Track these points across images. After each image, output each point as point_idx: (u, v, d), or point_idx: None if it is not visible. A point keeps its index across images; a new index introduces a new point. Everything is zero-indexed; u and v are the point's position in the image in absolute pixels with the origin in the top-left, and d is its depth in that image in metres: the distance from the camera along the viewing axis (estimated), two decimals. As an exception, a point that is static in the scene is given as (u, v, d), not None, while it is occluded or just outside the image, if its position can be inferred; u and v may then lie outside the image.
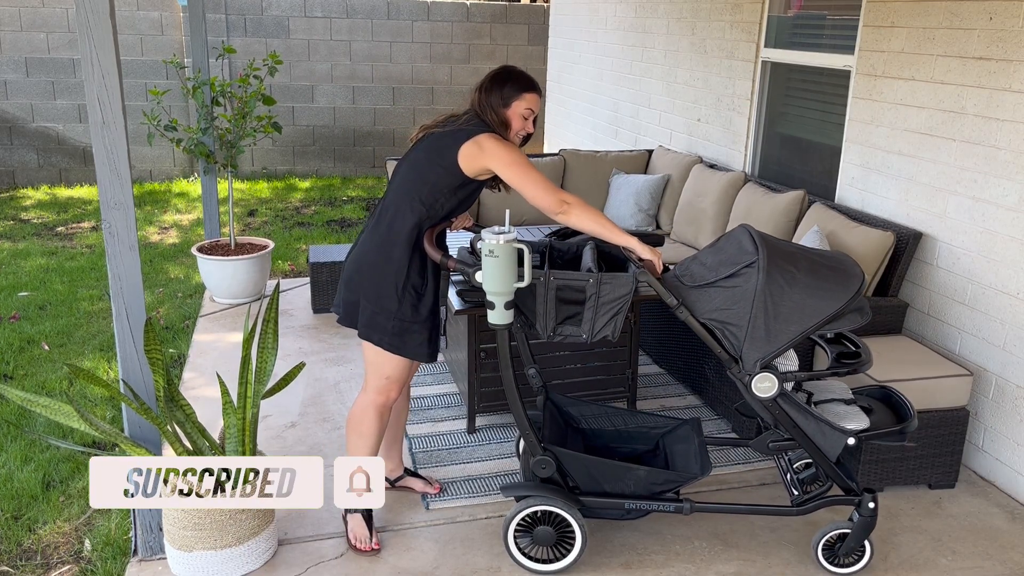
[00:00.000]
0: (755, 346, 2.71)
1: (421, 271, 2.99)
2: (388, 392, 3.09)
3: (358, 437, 3.10)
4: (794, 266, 2.72)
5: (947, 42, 3.87)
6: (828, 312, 2.67)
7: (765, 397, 2.76)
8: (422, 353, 3.04)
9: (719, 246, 2.89)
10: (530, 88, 3.00)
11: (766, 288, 2.67)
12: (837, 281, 2.71)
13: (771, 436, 2.93)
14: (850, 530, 2.97)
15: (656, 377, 4.68)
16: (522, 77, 3.01)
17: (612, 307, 2.78)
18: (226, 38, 9.50)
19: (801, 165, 5.14)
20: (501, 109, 2.96)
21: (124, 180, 2.70)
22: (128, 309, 2.80)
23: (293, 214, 8.40)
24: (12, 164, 9.22)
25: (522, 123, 3.00)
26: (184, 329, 5.31)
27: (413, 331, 3.00)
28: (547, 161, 6.02)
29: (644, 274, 2.76)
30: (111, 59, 2.59)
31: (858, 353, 2.93)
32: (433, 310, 3.05)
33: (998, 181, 3.64)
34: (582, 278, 2.76)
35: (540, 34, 10.42)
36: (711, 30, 5.83)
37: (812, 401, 2.97)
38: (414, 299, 2.98)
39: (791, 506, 3.01)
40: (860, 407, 2.95)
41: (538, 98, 3.03)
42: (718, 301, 2.76)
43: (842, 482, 2.95)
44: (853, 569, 3.05)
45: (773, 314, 2.68)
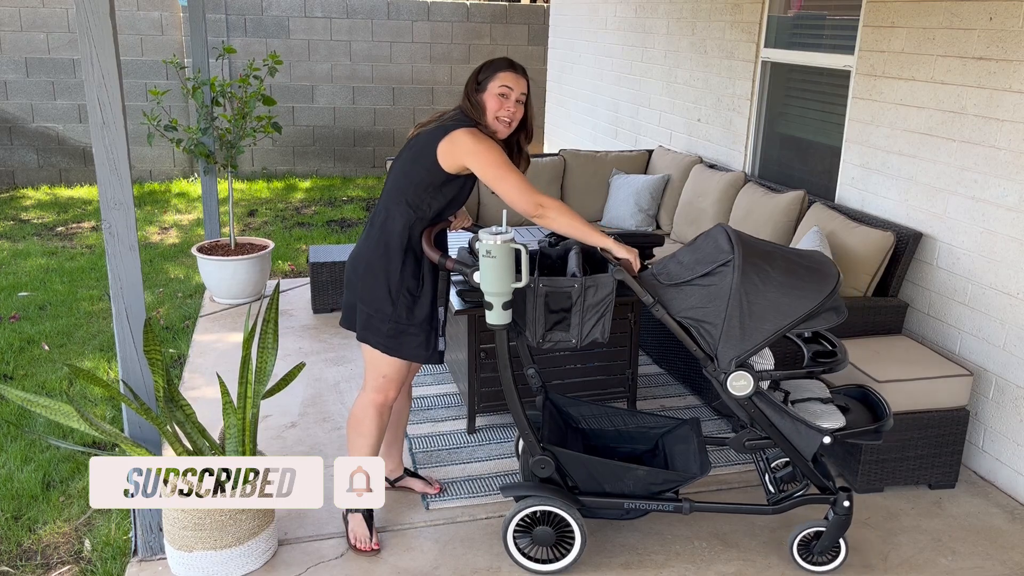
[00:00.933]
0: (730, 344, 2.72)
1: (416, 273, 2.96)
2: (387, 391, 3.08)
3: (359, 436, 3.10)
4: (769, 265, 2.72)
5: (947, 42, 3.87)
6: (803, 311, 2.68)
7: (740, 396, 2.78)
8: (419, 355, 3.03)
9: (696, 244, 2.90)
10: (504, 67, 2.89)
11: (741, 287, 2.68)
12: (812, 280, 2.72)
13: (747, 435, 2.94)
14: (825, 528, 2.99)
15: (656, 377, 4.68)
16: (498, 60, 2.92)
17: (598, 309, 2.78)
18: (226, 38, 9.50)
19: (801, 165, 5.14)
20: (476, 95, 2.88)
21: (124, 180, 2.70)
22: (128, 309, 2.80)
23: (293, 214, 8.40)
24: (12, 164, 9.22)
25: (498, 102, 2.87)
26: (184, 329, 5.31)
27: (409, 333, 2.98)
28: (547, 161, 6.01)
29: (621, 272, 2.76)
30: (111, 59, 2.59)
31: (834, 352, 2.95)
32: (431, 312, 3.02)
33: (998, 181, 3.64)
34: (567, 284, 2.77)
35: (540, 34, 10.42)
36: (711, 30, 5.84)
37: (789, 400, 2.98)
38: (409, 301, 2.96)
39: (767, 504, 3.03)
40: (837, 406, 2.97)
41: (515, 76, 2.89)
42: (694, 299, 2.76)
43: (818, 481, 2.96)
44: (829, 568, 3.06)
45: (748, 312, 2.69)
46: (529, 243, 4.72)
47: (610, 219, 5.86)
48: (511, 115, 2.90)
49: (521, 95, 2.91)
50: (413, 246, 2.94)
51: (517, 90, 2.88)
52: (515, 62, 2.93)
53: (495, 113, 2.88)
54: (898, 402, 3.46)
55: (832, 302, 2.71)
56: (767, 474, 3.20)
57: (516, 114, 2.91)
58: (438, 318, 3.07)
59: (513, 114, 2.90)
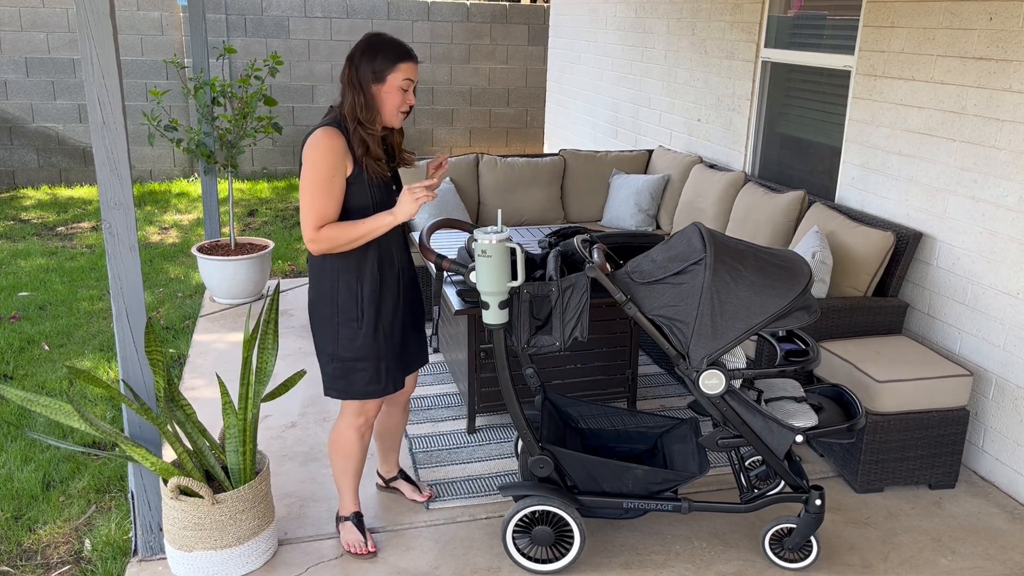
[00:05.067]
0: (702, 343, 2.73)
1: (353, 300, 2.77)
2: (365, 413, 2.97)
3: (343, 459, 3.02)
4: (741, 263, 2.73)
5: (947, 42, 3.87)
6: (773, 310, 2.68)
7: (712, 394, 2.78)
8: (373, 391, 2.86)
9: (671, 243, 2.91)
10: (404, 57, 2.70)
11: (712, 285, 2.69)
12: (783, 279, 2.73)
13: (720, 433, 2.95)
14: (796, 525, 3.00)
15: (656, 377, 4.68)
16: (395, 45, 2.71)
17: (575, 309, 2.79)
18: (226, 38, 9.50)
19: (801, 165, 5.14)
20: (373, 85, 2.68)
21: (124, 180, 2.70)
22: (128, 309, 2.80)
23: (293, 214, 8.40)
24: (12, 164, 9.22)
25: (401, 97, 2.71)
26: (184, 329, 5.31)
27: (356, 370, 2.82)
28: (547, 161, 6.02)
29: (594, 271, 2.76)
30: (111, 59, 2.59)
31: (807, 351, 2.96)
32: (382, 340, 2.83)
33: (998, 181, 3.64)
34: (547, 288, 2.78)
35: (540, 34, 10.42)
36: (711, 30, 5.84)
37: (762, 399, 2.99)
38: (350, 332, 2.79)
39: (740, 503, 3.04)
40: (810, 405, 2.98)
41: (414, 67, 2.72)
42: (666, 298, 2.77)
43: (790, 479, 2.96)
44: (802, 565, 3.07)
45: (719, 311, 2.70)
46: (528, 243, 4.72)
47: (610, 219, 5.86)
48: (412, 104, 2.78)
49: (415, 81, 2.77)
50: (342, 268, 2.76)
51: (416, 79, 2.75)
52: (409, 47, 2.75)
53: (398, 108, 2.73)
54: (898, 402, 3.46)
55: (803, 301, 2.72)
56: (741, 473, 3.21)
57: (412, 100, 2.78)
58: (396, 342, 2.90)
59: (411, 103, 2.77)
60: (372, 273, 2.79)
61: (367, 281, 2.79)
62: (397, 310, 2.89)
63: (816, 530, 3.01)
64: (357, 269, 2.77)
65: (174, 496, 2.81)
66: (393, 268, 2.85)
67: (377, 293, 2.81)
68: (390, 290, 2.85)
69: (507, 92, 10.59)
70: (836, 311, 3.86)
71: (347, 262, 2.77)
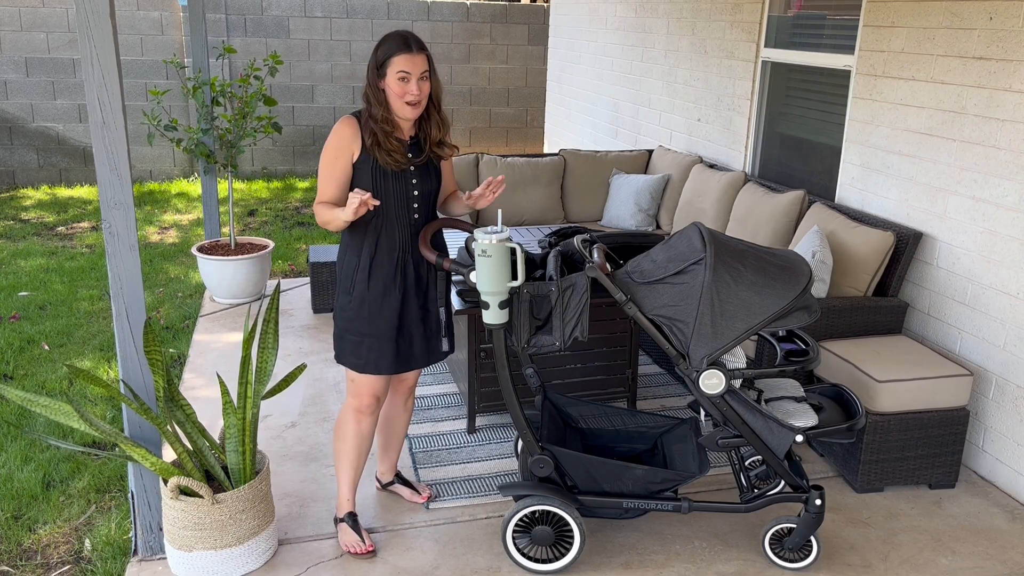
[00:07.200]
0: (702, 343, 2.73)
1: (350, 273, 2.93)
2: (360, 397, 3.03)
3: (339, 440, 3.12)
4: (741, 263, 2.73)
5: (947, 42, 3.87)
6: (773, 310, 2.69)
7: (712, 394, 2.78)
8: (355, 364, 2.97)
9: (670, 243, 2.91)
10: (397, 50, 2.74)
11: (712, 285, 2.69)
12: (783, 279, 2.73)
13: (720, 433, 2.95)
14: (796, 525, 3.00)
15: (656, 377, 4.68)
16: (394, 37, 2.76)
17: (576, 309, 2.80)
18: (226, 38, 9.50)
19: (801, 165, 5.14)
20: (378, 81, 2.80)
21: (124, 180, 2.70)
22: (128, 309, 2.80)
23: (293, 214, 8.40)
24: (12, 164, 9.22)
25: (401, 87, 2.76)
26: (184, 329, 5.31)
27: (345, 338, 2.97)
28: (547, 161, 6.02)
29: (594, 270, 2.76)
30: (111, 59, 2.59)
31: (807, 351, 2.96)
32: (362, 318, 2.93)
33: (998, 181, 3.64)
34: (547, 288, 2.78)
35: (540, 34, 10.42)
36: (711, 30, 5.84)
37: (762, 399, 2.99)
38: (344, 302, 2.95)
39: (740, 503, 3.03)
40: (811, 405, 2.98)
41: (410, 58, 2.74)
42: (666, 298, 2.77)
43: (790, 479, 2.96)
44: (802, 565, 3.07)
45: (720, 311, 2.70)
46: (528, 243, 4.72)
47: (610, 219, 5.86)
48: (417, 95, 2.78)
49: (423, 73, 2.78)
50: (350, 243, 2.93)
51: (417, 70, 2.76)
52: (409, 38, 2.76)
53: (401, 98, 2.78)
54: (898, 402, 3.46)
55: (803, 301, 2.72)
56: (741, 472, 3.20)
57: (424, 90, 2.80)
58: (387, 327, 2.95)
59: (419, 93, 2.79)
60: (368, 250, 2.92)
61: (363, 257, 2.93)
62: (388, 294, 2.93)
63: (816, 530, 3.01)
64: (359, 246, 2.93)
65: (174, 496, 2.81)
66: (393, 253, 2.92)
67: (367, 271, 2.92)
68: (382, 271, 2.92)
69: (507, 92, 10.60)
70: (836, 311, 3.86)
71: (354, 238, 2.93)
